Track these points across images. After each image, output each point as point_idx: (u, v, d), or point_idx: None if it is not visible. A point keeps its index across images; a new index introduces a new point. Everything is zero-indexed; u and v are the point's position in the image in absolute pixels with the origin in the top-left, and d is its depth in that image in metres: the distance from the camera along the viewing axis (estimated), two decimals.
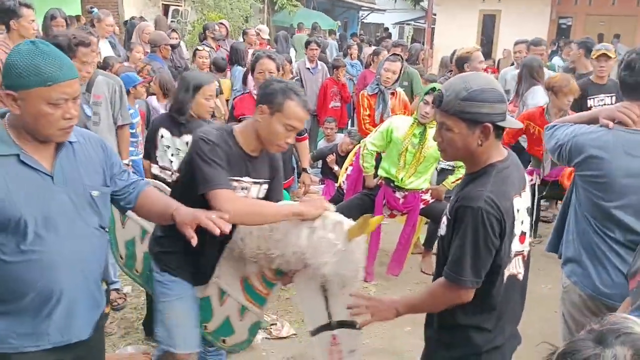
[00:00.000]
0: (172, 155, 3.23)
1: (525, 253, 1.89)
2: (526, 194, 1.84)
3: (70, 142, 1.76)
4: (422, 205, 4.12)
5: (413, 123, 3.89)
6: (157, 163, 3.28)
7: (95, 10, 6.54)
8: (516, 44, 6.34)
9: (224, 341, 2.59)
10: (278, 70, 3.85)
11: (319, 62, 7.17)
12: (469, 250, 1.70)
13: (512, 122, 1.85)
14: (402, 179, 3.97)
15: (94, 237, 1.80)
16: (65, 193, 1.72)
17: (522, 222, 1.81)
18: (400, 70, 4.62)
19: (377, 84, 4.55)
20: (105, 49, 5.63)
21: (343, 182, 4.76)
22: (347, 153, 5.24)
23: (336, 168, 5.80)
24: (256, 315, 2.57)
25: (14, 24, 3.95)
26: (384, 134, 4.01)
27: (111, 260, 3.57)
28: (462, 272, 1.73)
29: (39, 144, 1.68)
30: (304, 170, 4.21)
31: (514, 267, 1.84)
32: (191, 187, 2.10)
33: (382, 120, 4.46)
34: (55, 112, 1.62)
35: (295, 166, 4.25)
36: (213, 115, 6.27)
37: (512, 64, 6.66)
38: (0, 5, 4.05)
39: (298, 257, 2.18)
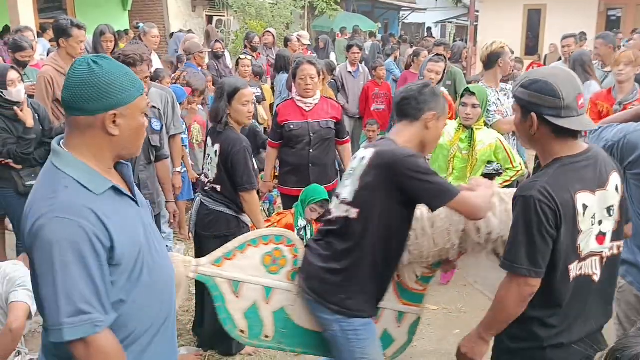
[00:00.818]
0: (209, 163, 3.24)
1: (606, 255, 1.82)
2: (607, 193, 1.78)
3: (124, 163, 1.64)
4: None
5: (459, 128, 3.83)
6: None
7: (141, 24, 6.78)
8: (564, 38, 6.17)
9: (384, 354, 2.40)
10: (319, 74, 3.90)
11: (360, 65, 7.18)
12: (523, 237, 1.71)
13: (572, 123, 1.72)
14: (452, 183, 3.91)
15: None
16: (146, 214, 1.63)
17: (599, 222, 1.77)
18: (444, 71, 4.56)
19: None
20: (153, 61, 5.84)
21: None
22: None
23: None
24: (415, 314, 2.49)
25: (63, 43, 4.16)
26: None
27: None
28: (517, 260, 1.72)
29: (109, 169, 1.55)
30: None
31: (588, 268, 1.79)
32: (400, 212, 2.08)
33: None
34: (144, 122, 1.58)
35: (338, 169, 4.27)
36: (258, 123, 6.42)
37: (560, 59, 6.49)
38: (55, 24, 4.27)
39: (482, 239, 2.18)
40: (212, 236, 3.16)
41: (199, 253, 3.19)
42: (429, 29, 22.48)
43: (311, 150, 3.88)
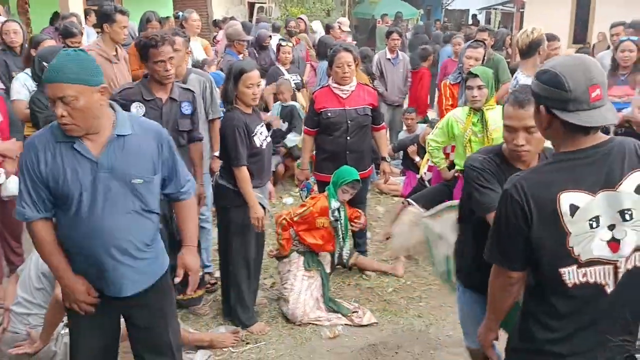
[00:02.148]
0: None
1: (624, 265, 1.65)
2: (618, 195, 1.62)
3: (122, 135, 2.05)
4: None
5: (469, 113, 3.79)
6: None
7: (180, 13, 6.88)
8: (613, 26, 5.95)
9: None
10: (355, 61, 3.90)
11: (399, 52, 7.11)
12: (494, 229, 1.74)
13: (580, 118, 1.58)
14: None
15: (133, 218, 2.09)
16: (109, 178, 2.03)
17: (611, 227, 1.62)
18: (484, 57, 4.47)
19: (460, 73, 4.44)
20: (195, 48, 5.92)
21: (424, 173, 4.72)
22: None
23: (417, 159, 5.75)
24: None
25: (107, 28, 4.28)
26: (444, 129, 3.92)
27: (204, 245, 3.81)
28: (489, 247, 1.77)
29: (92, 134, 2.02)
30: (383, 159, 4.24)
31: (597, 276, 1.64)
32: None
33: None
34: (55, 109, 1.94)
35: (373, 155, 4.29)
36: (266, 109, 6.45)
37: (608, 48, 6.26)
38: (100, 10, 4.40)
39: None
40: (218, 208, 3.44)
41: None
42: (475, 16, 22.00)
43: (348, 138, 3.90)
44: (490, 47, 5.82)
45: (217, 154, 3.92)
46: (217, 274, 3.97)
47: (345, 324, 3.52)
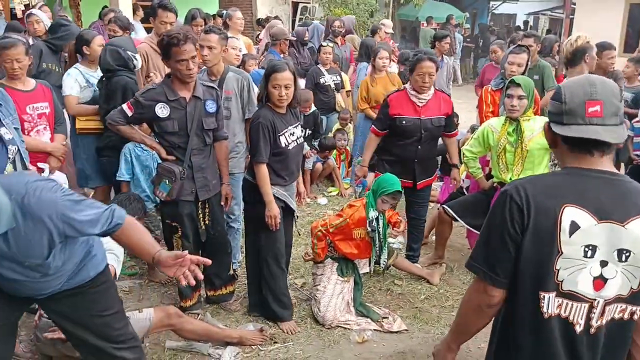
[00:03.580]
0: None
1: (601, 308, 1.52)
2: (624, 232, 1.49)
3: (4, 232, 1.89)
4: None
5: (505, 122, 3.69)
6: None
7: (224, 12, 6.95)
8: None
9: None
10: (437, 70, 3.86)
11: (444, 56, 7.01)
12: (484, 233, 1.60)
13: (572, 131, 1.52)
14: (511, 179, 3.79)
15: (41, 283, 2.12)
16: (2, 261, 1.99)
17: (603, 263, 1.50)
18: (527, 63, 4.34)
19: (502, 79, 4.34)
20: (239, 43, 5.97)
21: (462, 180, 4.63)
22: None
23: (460, 166, 5.63)
24: None
25: (152, 21, 4.41)
26: (479, 139, 3.85)
27: (233, 243, 3.84)
28: (475, 256, 1.62)
29: None
30: (454, 166, 4.19)
31: (569, 311, 1.52)
32: None
33: None
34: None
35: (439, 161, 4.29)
36: (333, 109, 6.43)
37: None
38: (151, 6, 4.52)
39: None
40: (248, 202, 3.47)
41: None
42: (526, 22, 21.49)
43: (419, 147, 3.88)
44: (536, 53, 5.67)
45: None
46: (239, 271, 4.01)
47: (375, 330, 3.48)
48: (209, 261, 2.23)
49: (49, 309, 2.39)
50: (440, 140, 3.98)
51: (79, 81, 4.10)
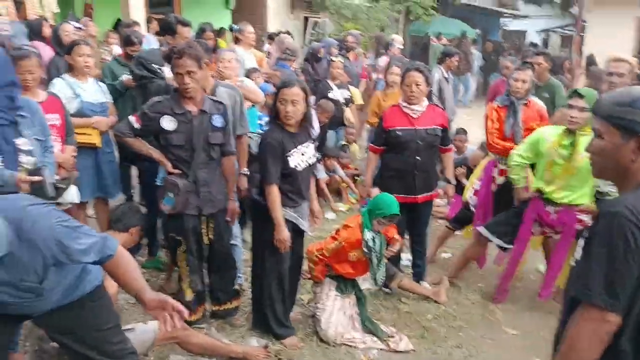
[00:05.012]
0: None
1: None
2: None
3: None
4: (578, 226, 3.78)
5: (561, 132, 3.65)
6: None
7: (234, 26, 7.00)
8: None
9: None
10: (427, 81, 3.85)
11: (449, 72, 7.05)
12: (600, 260, 1.48)
13: None
14: (551, 193, 3.75)
15: (31, 304, 2.08)
16: None
17: None
18: (531, 79, 4.30)
19: (508, 95, 4.31)
20: (248, 59, 6.01)
21: (470, 197, 4.58)
22: None
23: (465, 182, 5.60)
24: None
25: (170, 40, 4.39)
26: (532, 145, 3.81)
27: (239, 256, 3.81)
28: (590, 286, 1.48)
29: None
30: (448, 181, 4.17)
31: None
32: None
33: (512, 134, 4.23)
34: None
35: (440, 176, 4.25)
36: (342, 124, 6.44)
37: None
38: (163, 21, 4.53)
39: None
40: (255, 223, 3.44)
41: None
42: (534, 44, 21.44)
43: (418, 158, 3.85)
44: (547, 71, 5.64)
45: (244, 171, 3.88)
46: (245, 284, 3.95)
47: (381, 349, 3.43)
48: (186, 313, 2.16)
49: (45, 325, 2.36)
50: (455, 155, 3.97)
51: (64, 92, 3.95)
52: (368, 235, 3.42)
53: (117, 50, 6.05)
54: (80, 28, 6.37)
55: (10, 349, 2.62)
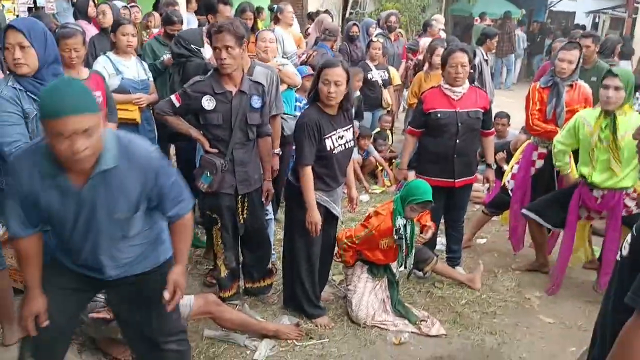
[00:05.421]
0: None
1: None
2: None
3: (106, 170, 1.94)
4: (624, 212, 3.67)
5: (599, 115, 3.54)
6: None
7: (275, 6, 6.98)
8: None
9: None
10: (470, 63, 3.77)
11: (488, 53, 6.87)
12: None
13: None
14: (593, 176, 3.67)
15: (116, 242, 2.12)
16: (91, 212, 2.00)
17: None
18: (579, 60, 4.13)
19: (552, 76, 4.15)
20: (287, 39, 5.98)
21: (508, 181, 4.48)
22: None
23: (505, 167, 5.48)
24: None
25: (211, 18, 4.42)
26: (571, 130, 3.73)
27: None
28: None
29: (72, 164, 1.88)
30: (489, 166, 4.09)
31: None
32: None
33: (554, 116, 4.09)
34: (61, 144, 1.79)
35: (480, 160, 4.19)
36: (380, 105, 6.36)
37: None
38: (205, 1, 4.55)
39: None
40: (287, 203, 3.47)
41: None
42: (594, 22, 20.63)
43: (457, 141, 3.77)
44: (595, 54, 5.42)
45: (276, 151, 3.88)
46: (278, 263, 3.98)
47: (412, 332, 3.42)
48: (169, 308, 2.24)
49: (113, 293, 2.40)
50: (495, 139, 3.86)
51: (107, 69, 4.11)
52: (400, 221, 3.38)
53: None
54: (126, 7, 6.50)
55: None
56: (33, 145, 2.02)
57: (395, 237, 3.38)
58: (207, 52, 4.10)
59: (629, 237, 1.61)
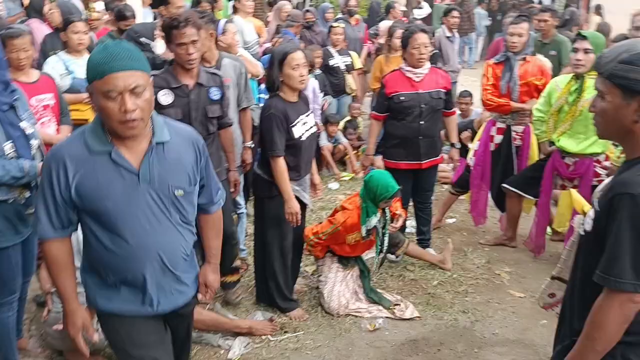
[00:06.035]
0: None
1: None
2: None
3: (161, 142, 1.84)
4: (595, 181, 3.67)
5: (570, 80, 3.59)
6: None
7: None
8: None
9: None
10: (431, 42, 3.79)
11: (453, 31, 6.88)
12: (629, 245, 1.43)
13: None
14: (559, 140, 3.73)
15: (175, 231, 1.91)
16: (150, 192, 1.83)
17: None
18: (528, 32, 4.14)
19: (505, 52, 4.18)
20: (248, 28, 5.86)
21: (469, 158, 4.52)
22: None
23: (470, 145, 5.52)
24: None
25: (164, 10, 4.28)
26: (546, 97, 3.79)
27: (239, 228, 3.80)
28: (621, 273, 1.43)
29: (130, 141, 1.79)
30: (452, 145, 4.12)
31: None
32: None
33: (508, 90, 4.11)
34: (112, 105, 1.69)
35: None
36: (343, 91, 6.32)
37: None
38: None
39: None
40: (255, 197, 3.43)
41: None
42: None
43: (422, 122, 3.77)
44: (552, 28, 5.48)
45: (249, 144, 3.82)
46: (249, 259, 3.94)
47: (387, 317, 3.43)
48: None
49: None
50: (459, 119, 3.87)
51: (57, 69, 3.99)
52: (374, 220, 3.35)
53: None
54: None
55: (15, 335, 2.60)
56: (73, 134, 1.90)
57: (364, 233, 3.36)
58: (158, 46, 3.98)
59: (591, 212, 1.60)
